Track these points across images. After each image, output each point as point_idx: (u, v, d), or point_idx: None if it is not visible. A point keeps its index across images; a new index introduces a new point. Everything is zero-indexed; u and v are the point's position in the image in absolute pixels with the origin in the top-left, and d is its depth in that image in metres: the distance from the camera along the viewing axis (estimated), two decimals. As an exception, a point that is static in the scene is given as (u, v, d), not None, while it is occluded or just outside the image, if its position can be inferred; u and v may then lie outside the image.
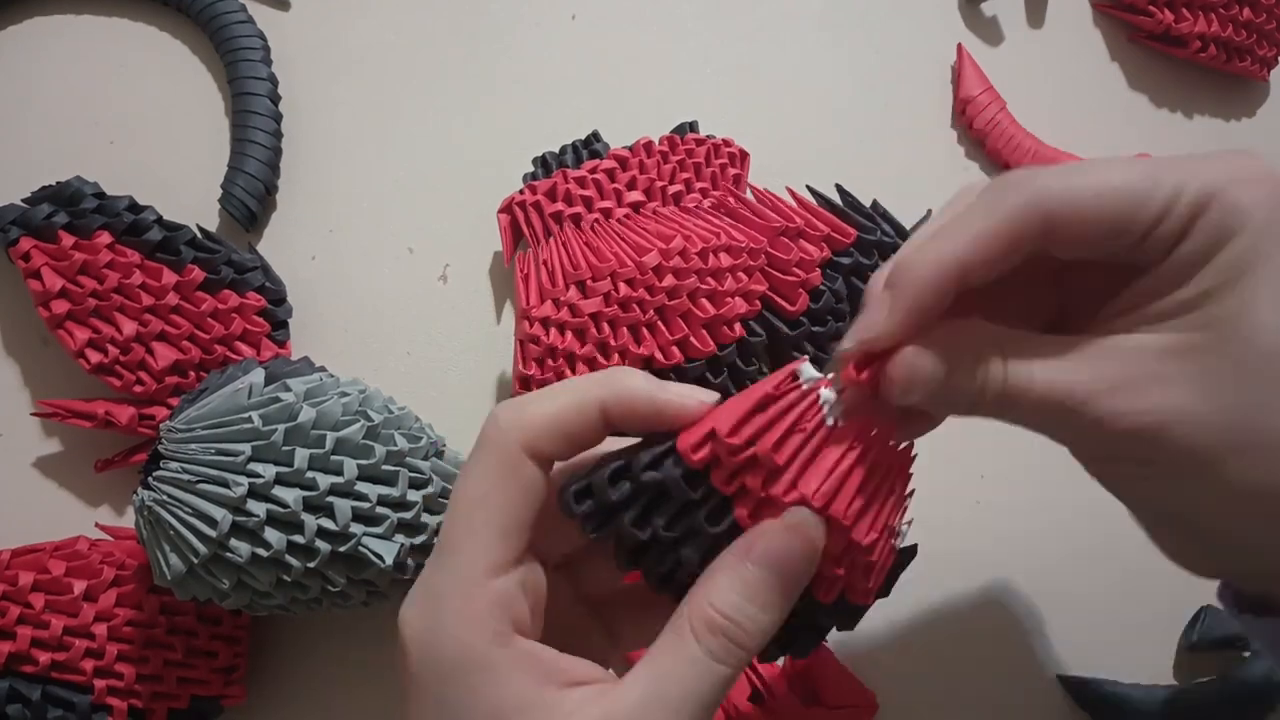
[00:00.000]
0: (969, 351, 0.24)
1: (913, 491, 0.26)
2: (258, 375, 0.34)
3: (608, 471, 0.24)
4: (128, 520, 0.40)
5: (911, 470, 0.26)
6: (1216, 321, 0.23)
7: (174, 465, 0.31)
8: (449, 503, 0.24)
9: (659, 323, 0.39)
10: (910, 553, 0.27)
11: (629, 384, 0.24)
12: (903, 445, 0.26)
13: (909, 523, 0.26)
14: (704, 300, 0.39)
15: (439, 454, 0.37)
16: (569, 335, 0.38)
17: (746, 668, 0.33)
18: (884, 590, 0.26)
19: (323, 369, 0.37)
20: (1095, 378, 0.23)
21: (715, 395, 0.24)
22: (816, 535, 0.23)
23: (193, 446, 0.31)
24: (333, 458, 0.32)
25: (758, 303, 0.40)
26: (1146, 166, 0.24)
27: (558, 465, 0.25)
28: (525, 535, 0.24)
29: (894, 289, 0.24)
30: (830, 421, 0.24)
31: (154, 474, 0.31)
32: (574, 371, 0.38)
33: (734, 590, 0.23)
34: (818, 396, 0.24)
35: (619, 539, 0.24)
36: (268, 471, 0.31)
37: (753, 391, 0.24)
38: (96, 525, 0.38)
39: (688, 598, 0.23)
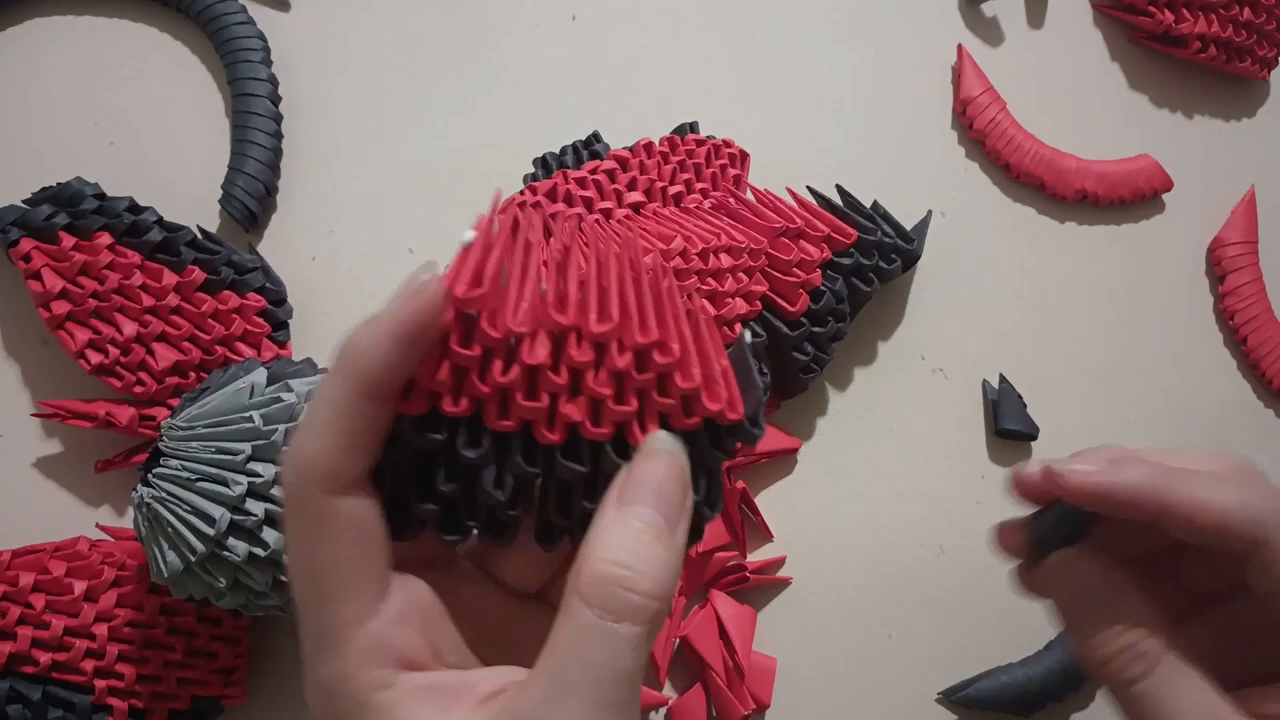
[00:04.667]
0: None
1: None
2: (260, 375, 0.34)
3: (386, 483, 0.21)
4: (128, 521, 0.40)
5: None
6: None
7: (174, 463, 0.31)
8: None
9: (659, 323, 0.39)
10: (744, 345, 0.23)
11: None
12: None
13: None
14: (704, 301, 0.39)
15: (439, 454, 0.37)
16: (569, 335, 0.38)
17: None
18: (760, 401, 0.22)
19: (325, 370, 0.37)
20: None
21: None
22: (679, 454, 0.21)
23: (193, 444, 0.31)
24: (333, 457, 0.32)
25: (758, 303, 0.40)
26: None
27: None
28: (374, 576, 0.20)
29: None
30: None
31: (154, 471, 0.31)
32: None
33: (620, 537, 0.20)
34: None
35: (433, 520, 0.22)
36: (267, 471, 0.31)
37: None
38: (97, 525, 0.38)
39: (573, 566, 0.20)
